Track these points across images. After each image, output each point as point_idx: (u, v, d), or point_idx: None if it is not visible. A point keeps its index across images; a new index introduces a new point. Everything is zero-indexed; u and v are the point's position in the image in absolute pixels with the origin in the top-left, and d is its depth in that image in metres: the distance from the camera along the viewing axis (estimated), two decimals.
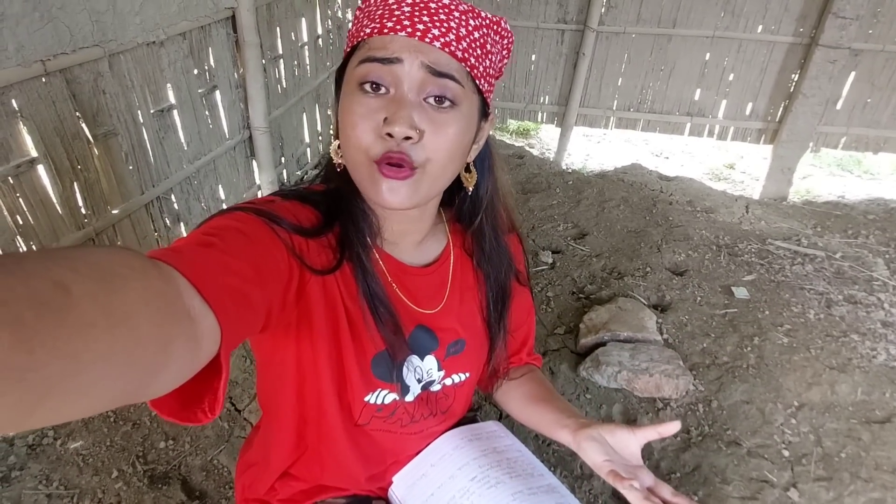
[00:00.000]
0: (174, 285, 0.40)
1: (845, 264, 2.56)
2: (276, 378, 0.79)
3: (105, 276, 0.32)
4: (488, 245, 0.83)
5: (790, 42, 3.44)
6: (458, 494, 0.86)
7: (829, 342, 2.03)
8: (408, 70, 0.61)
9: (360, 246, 0.71)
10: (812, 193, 3.88)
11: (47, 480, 1.42)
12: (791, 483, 1.54)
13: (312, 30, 3.05)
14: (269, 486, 0.90)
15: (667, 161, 4.63)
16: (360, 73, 0.62)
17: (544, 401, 0.88)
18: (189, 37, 1.99)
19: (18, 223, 1.46)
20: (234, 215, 0.60)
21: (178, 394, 0.44)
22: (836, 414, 1.74)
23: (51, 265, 0.29)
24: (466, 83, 0.64)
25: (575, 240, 2.78)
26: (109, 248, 0.36)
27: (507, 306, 0.88)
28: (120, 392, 0.33)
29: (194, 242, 0.51)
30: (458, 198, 0.82)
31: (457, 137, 0.64)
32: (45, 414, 0.28)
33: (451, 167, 0.67)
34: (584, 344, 2.00)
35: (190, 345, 0.39)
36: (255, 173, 2.65)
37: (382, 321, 0.72)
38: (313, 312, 0.68)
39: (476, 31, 0.64)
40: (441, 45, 0.61)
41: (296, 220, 0.66)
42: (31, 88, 1.41)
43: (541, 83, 3.92)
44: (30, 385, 0.26)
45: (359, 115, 0.62)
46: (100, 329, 0.30)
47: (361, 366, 0.75)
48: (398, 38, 0.61)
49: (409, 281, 0.78)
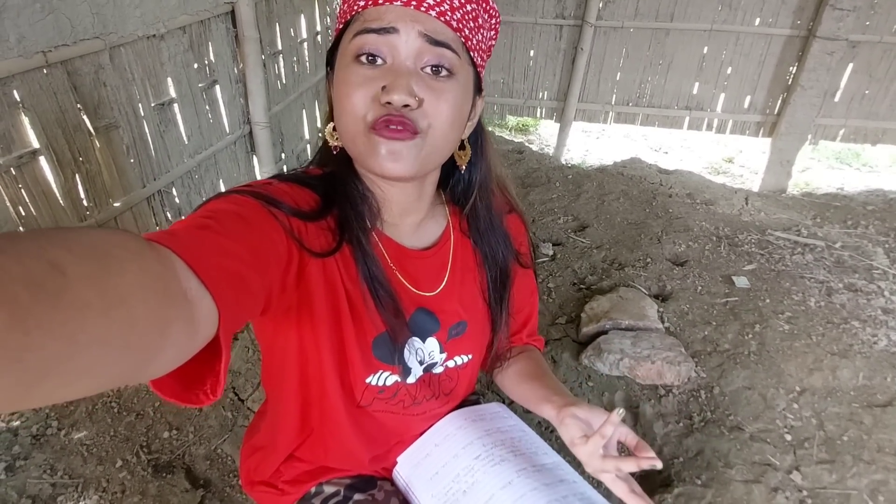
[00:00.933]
0: (171, 267, 0.40)
1: (845, 254, 2.57)
2: (279, 362, 0.79)
3: (101, 257, 0.32)
4: (483, 225, 0.83)
5: (788, 34, 3.45)
6: (462, 472, 0.86)
7: (829, 329, 2.03)
8: (405, 40, 0.61)
9: (359, 229, 0.71)
10: (811, 186, 3.89)
11: (52, 470, 1.43)
12: (794, 466, 1.54)
13: (311, 26, 3.06)
14: (274, 469, 0.90)
15: (666, 156, 4.64)
16: (355, 45, 0.62)
17: (534, 378, 0.89)
18: (189, 31, 2.00)
19: (21, 214, 1.46)
20: (232, 198, 0.59)
21: (180, 375, 0.44)
22: (838, 398, 1.74)
23: (46, 246, 0.29)
24: (462, 54, 0.64)
25: (575, 232, 2.78)
26: (106, 230, 0.36)
27: (507, 287, 0.88)
28: (118, 373, 0.33)
29: (191, 225, 0.50)
30: (451, 179, 0.82)
31: (456, 105, 0.64)
32: (44, 393, 0.28)
33: (452, 135, 0.67)
34: (586, 333, 2.01)
35: (187, 327, 0.39)
36: (256, 168, 2.66)
37: (383, 304, 0.72)
38: (314, 295, 0.68)
39: (468, 4, 0.65)
40: (437, 14, 0.61)
41: (294, 202, 0.65)
42: (32, 79, 1.42)
43: (539, 79, 3.93)
44: (28, 365, 0.26)
45: (355, 85, 0.62)
46: (95, 311, 0.30)
47: (362, 347, 0.75)
48: (393, 8, 0.61)
49: (410, 264, 0.78)
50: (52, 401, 0.29)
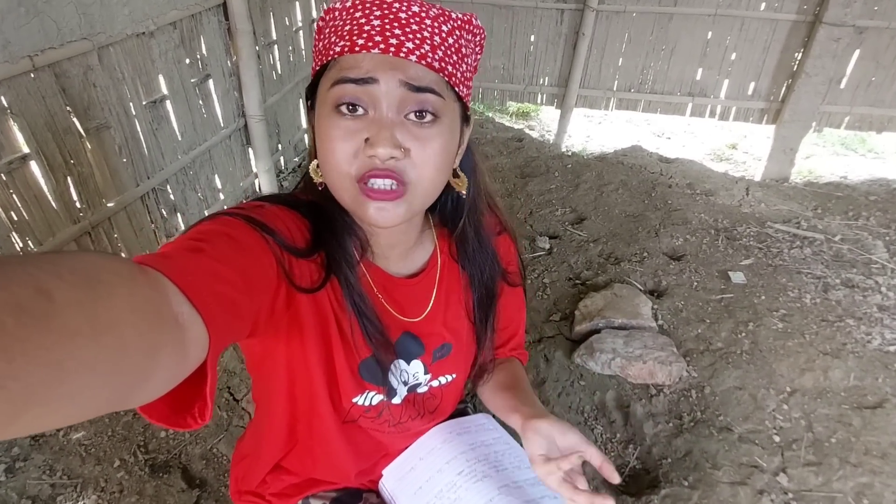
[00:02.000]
0: (162, 292, 0.39)
1: (844, 247, 2.55)
2: (266, 378, 0.80)
3: (90, 282, 0.31)
4: (471, 247, 0.83)
5: (793, 20, 3.37)
6: (445, 488, 0.88)
7: (824, 327, 2.03)
8: (385, 90, 0.59)
9: (346, 265, 0.71)
10: (815, 174, 3.84)
11: (51, 471, 1.46)
12: (781, 468, 1.56)
13: (307, 13, 3.01)
14: (260, 479, 0.92)
15: (668, 141, 4.58)
16: (334, 95, 0.60)
17: (508, 388, 0.90)
18: (180, 26, 1.97)
19: (13, 219, 1.47)
20: (223, 220, 0.58)
21: (168, 399, 0.44)
22: (828, 399, 1.75)
23: (34, 271, 0.29)
24: (446, 93, 0.62)
25: (573, 225, 2.77)
26: (95, 254, 0.36)
27: (492, 307, 0.88)
28: (105, 400, 0.33)
29: (183, 248, 0.50)
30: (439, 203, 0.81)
31: (443, 150, 0.63)
32: (29, 422, 0.28)
33: (440, 179, 0.66)
34: (579, 331, 2.02)
35: (177, 352, 0.39)
36: (252, 161, 2.65)
37: (369, 333, 0.73)
38: (303, 318, 0.69)
39: (450, 37, 0.63)
40: (417, 59, 0.59)
41: (286, 229, 0.64)
42: (19, 84, 1.41)
43: (540, 64, 3.86)
44: (11, 394, 0.25)
45: (338, 139, 0.60)
46: (84, 337, 0.29)
47: (351, 369, 0.76)
48: (371, 56, 0.59)
49: (396, 291, 0.79)
50: (38, 429, 0.29)
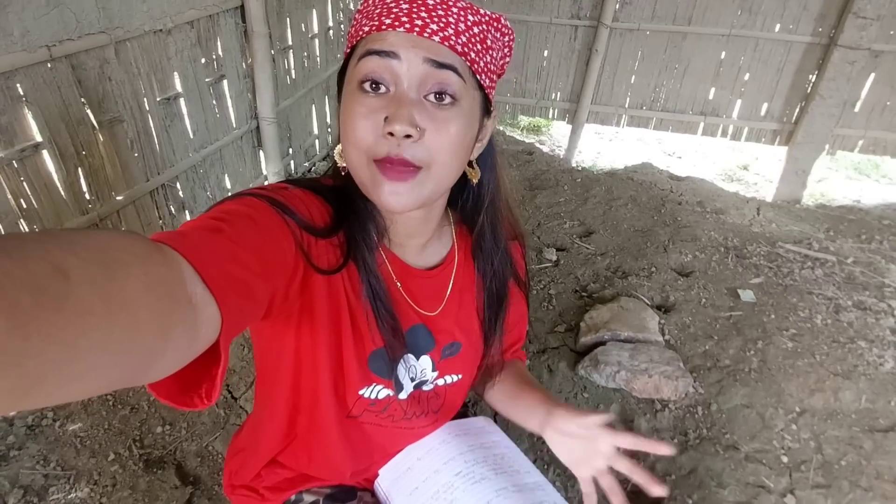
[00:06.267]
0: (177, 271, 0.39)
1: (857, 269, 2.51)
2: (272, 366, 0.80)
3: (106, 261, 0.32)
4: (488, 244, 0.83)
5: (808, 42, 3.37)
6: (441, 489, 0.86)
7: (835, 348, 1.99)
8: (407, 67, 0.60)
9: (365, 248, 0.71)
10: (827, 197, 3.81)
11: (45, 461, 1.45)
12: (788, 489, 1.51)
13: (323, 21, 3.05)
14: (255, 473, 0.91)
15: (679, 161, 4.57)
16: (359, 70, 0.62)
17: (515, 396, 0.90)
18: (197, 26, 2.00)
19: (22, 206, 1.47)
20: (246, 200, 0.59)
21: (176, 378, 0.44)
22: (839, 421, 1.71)
23: (51, 248, 0.29)
24: (468, 77, 0.63)
25: (580, 238, 2.75)
26: (112, 232, 0.36)
27: (503, 308, 0.88)
28: (117, 377, 0.33)
29: (202, 227, 0.50)
30: (460, 198, 0.82)
31: (459, 135, 0.63)
32: (41, 397, 0.28)
33: (455, 165, 0.66)
34: (584, 342, 1.99)
35: (189, 332, 0.39)
36: (262, 164, 2.67)
37: (383, 321, 0.73)
38: (316, 304, 0.69)
39: (475, 27, 0.64)
40: (440, 40, 0.60)
41: (308, 212, 0.65)
42: (36, 74, 1.43)
43: (553, 79, 3.88)
44: (25, 370, 0.26)
45: (359, 115, 0.62)
46: (98, 316, 0.30)
47: (359, 360, 0.75)
48: (395, 33, 0.60)
49: (413, 282, 0.79)
50: (50, 402, 0.30)
